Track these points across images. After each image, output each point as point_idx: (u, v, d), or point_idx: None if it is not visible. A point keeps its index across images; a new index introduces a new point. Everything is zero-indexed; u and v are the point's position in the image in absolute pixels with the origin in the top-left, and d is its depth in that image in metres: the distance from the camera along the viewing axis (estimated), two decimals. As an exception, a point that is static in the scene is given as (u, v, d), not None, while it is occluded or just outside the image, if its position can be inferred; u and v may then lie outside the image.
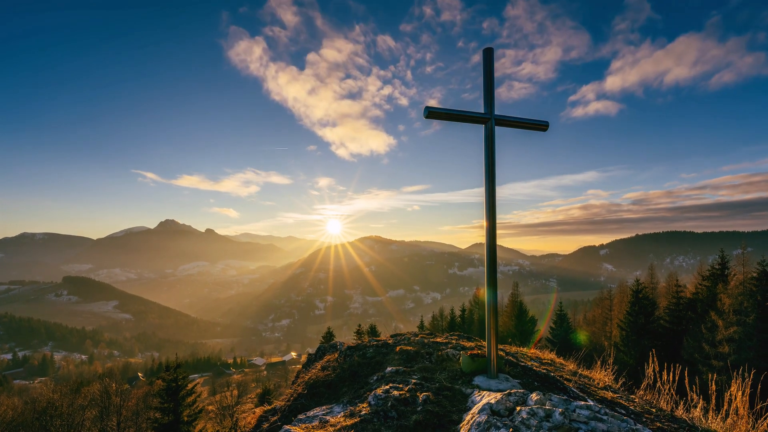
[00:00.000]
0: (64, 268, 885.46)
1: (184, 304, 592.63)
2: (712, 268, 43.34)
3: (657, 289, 59.68)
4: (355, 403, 5.64)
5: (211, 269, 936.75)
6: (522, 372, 6.78)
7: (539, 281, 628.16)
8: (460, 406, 5.18)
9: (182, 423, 29.82)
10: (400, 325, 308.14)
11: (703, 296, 42.07)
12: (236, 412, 47.10)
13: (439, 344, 8.10)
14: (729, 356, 32.86)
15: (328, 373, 7.33)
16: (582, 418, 4.10)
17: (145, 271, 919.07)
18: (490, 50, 6.29)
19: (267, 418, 6.78)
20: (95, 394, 40.75)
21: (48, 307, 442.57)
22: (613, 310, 60.19)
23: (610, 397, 6.78)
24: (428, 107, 5.83)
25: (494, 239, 6.15)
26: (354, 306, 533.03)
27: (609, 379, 8.65)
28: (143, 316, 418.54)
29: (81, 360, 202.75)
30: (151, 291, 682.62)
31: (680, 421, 6.13)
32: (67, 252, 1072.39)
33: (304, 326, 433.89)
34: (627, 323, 45.07)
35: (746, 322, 33.83)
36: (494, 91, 6.28)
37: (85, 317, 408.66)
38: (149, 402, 40.47)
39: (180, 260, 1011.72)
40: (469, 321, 69.15)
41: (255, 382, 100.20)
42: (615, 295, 64.05)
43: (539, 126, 6.52)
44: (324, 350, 10.34)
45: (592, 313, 73.97)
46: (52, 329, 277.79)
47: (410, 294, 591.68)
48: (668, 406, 6.97)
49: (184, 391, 30.72)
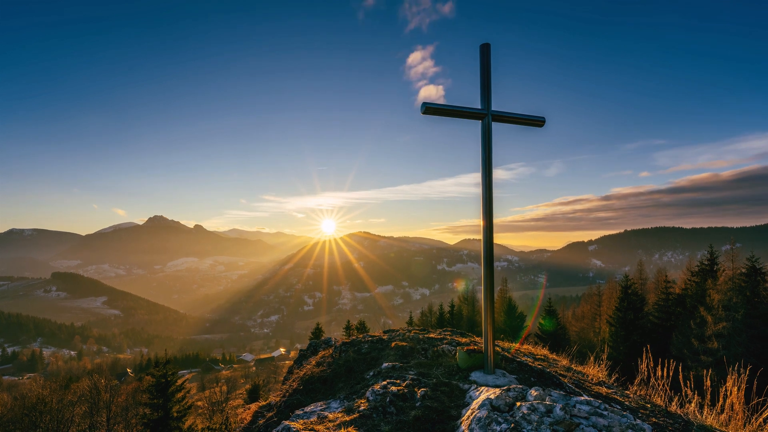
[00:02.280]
0: (52, 264, 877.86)
1: (173, 300, 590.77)
2: (701, 264, 43.50)
3: (646, 285, 59.92)
4: (352, 398, 5.63)
5: (199, 265, 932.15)
6: (518, 368, 6.79)
7: (528, 277, 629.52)
8: (458, 402, 5.18)
9: (171, 419, 29.81)
10: (389, 321, 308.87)
11: (692, 292, 42.26)
12: (226, 408, 47.08)
13: (434, 340, 8.10)
14: (718, 352, 33.03)
15: (323, 368, 7.31)
16: (583, 414, 4.10)
17: (133, 267, 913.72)
18: (487, 46, 6.29)
19: (262, 413, 6.74)
20: (84, 390, 40.61)
21: (37, 303, 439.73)
22: (602, 305, 60.42)
23: (605, 393, 6.79)
24: (425, 103, 5.84)
25: (491, 236, 6.17)
26: (343, 302, 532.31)
27: (603, 374, 8.66)
28: (132, 312, 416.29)
29: (70, 356, 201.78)
30: (139, 287, 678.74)
31: (675, 416, 6.15)
32: (56, 248, 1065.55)
33: (293, 322, 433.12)
34: (616, 319, 45.20)
35: (735, 317, 34.03)
36: (491, 87, 6.28)
37: (73, 313, 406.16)
38: (138, 398, 40.46)
39: (169, 256, 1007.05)
40: (458, 317, 69.24)
41: (244, 378, 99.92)
42: (604, 290, 64.29)
43: (536, 122, 6.53)
44: (316, 346, 10.31)
45: (581, 308, 74.15)
46: (40, 325, 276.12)
47: (399, 290, 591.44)
48: (662, 401, 6.99)
49: (174, 387, 30.72)
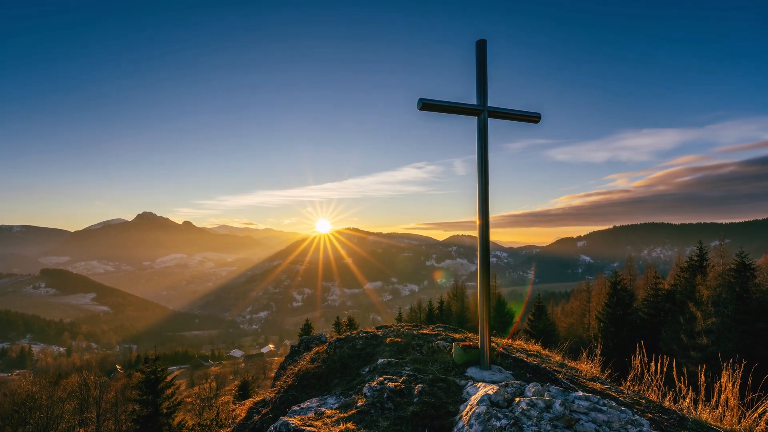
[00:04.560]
0: (41, 260, 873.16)
1: (162, 297, 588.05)
2: (691, 260, 43.77)
3: (635, 281, 60.25)
4: (348, 394, 5.63)
5: (188, 261, 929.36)
6: (513, 363, 6.80)
7: (517, 273, 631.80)
8: (455, 398, 5.19)
9: (161, 415, 29.81)
10: (378, 317, 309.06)
11: (682, 288, 42.50)
12: (215, 404, 47.01)
13: (428, 336, 8.11)
14: (708, 348, 33.26)
15: (318, 364, 7.30)
16: (582, 409, 4.11)
17: (122, 263, 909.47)
18: (483, 42, 6.31)
19: (257, 410, 6.71)
20: (74, 387, 40.69)
21: (26, 300, 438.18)
22: (591, 301, 60.67)
23: (600, 389, 6.80)
24: (422, 99, 5.85)
25: (487, 234, 6.18)
26: (332, 298, 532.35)
27: (596, 370, 8.68)
28: (121, 308, 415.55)
29: (59, 352, 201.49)
30: (128, 283, 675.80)
31: (670, 411, 6.17)
32: (45, 244, 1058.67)
33: (282, 318, 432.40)
34: (605, 315, 45.42)
35: (725, 313, 34.24)
36: (487, 83, 6.30)
37: (62, 309, 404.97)
38: (128, 394, 40.42)
39: (157, 252, 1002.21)
40: (447, 313, 69.48)
41: (233, 374, 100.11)
42: (593, 286, 64.53)
43: (531, 117, 6.56)
44: (308, 342, 10.29)
45: (570, 304, 74.46)
46: (30, 322, 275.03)
47: (388, 286, 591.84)
48: (657, 397, 7.02)
49: (163, 383, 30.74)
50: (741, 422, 5.89)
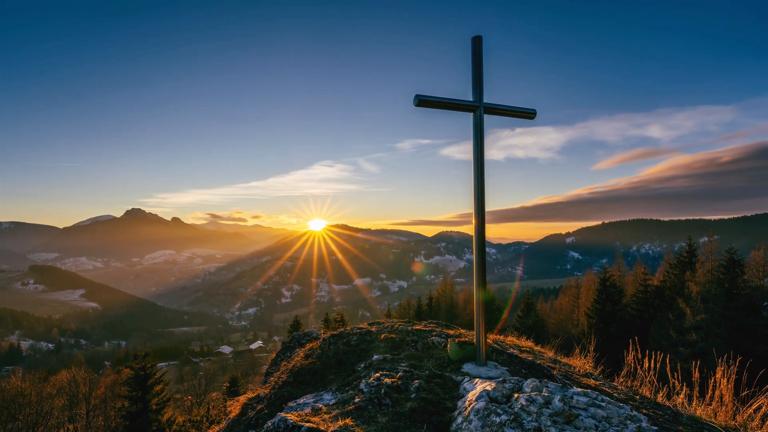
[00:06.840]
0: (30, 256, 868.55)
1: (151, 293, 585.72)
2: (680, 256, 43.98)
3: (624, 277, 60.46)
4: (345, 390, 5.61)
5: (177, 257, 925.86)
6: (508, 359, 6.80)
7: (506, 269, 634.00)
8: (452, 394, 5.18)
9: (150, 411, 29.80)
10: (367, 314, 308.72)
11: (671, 284, 42.72)
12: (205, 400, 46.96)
13: (422, 332, 8.09)
14: (697, 343, 33.48)
15: (313, 360, 7.26)
16: (581, 405, 4.11)
17: (111, 259, 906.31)
18: (479, 38, 6.29)
19: (252, 406, 6.68)
20: (63, 383, 40.60)
21: (14, 296, 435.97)
22: (580, 297, 60.93)
23: (594, 385, 6.83)
24: (418, 95, 5.81)
25: (483, 230, 6.19)
26: (321, 294, 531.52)
27: (589, 366, 8.71)
28: (110, 304, 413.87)
29: (48, 349, 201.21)
30: (117, 280, 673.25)
31: (664, 407, 6.20)
32: (34, 241, 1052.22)
33: (271, 315, 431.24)
34: (594, 311, 45.64)
35: (714, 309, 34.45)
36: (483, 79, 6.28)
37: (51, 306, 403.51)
38: (117, 390, 40.31)
39: (146, 249, 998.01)
40: (436, 309, 69.58)
41: (222, 370, 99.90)
42: (582, 283, 64.76)
43: (527, 114, 6.54)
44: (299, 338, 10.24)
45: (559, 301, 74.77)
46: (18, 318, 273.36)
47: (377, 282, 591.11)
48: (650, 393, 7.04)
49: (153, 379, 30.74)
50: (736, 418, 5.90)
